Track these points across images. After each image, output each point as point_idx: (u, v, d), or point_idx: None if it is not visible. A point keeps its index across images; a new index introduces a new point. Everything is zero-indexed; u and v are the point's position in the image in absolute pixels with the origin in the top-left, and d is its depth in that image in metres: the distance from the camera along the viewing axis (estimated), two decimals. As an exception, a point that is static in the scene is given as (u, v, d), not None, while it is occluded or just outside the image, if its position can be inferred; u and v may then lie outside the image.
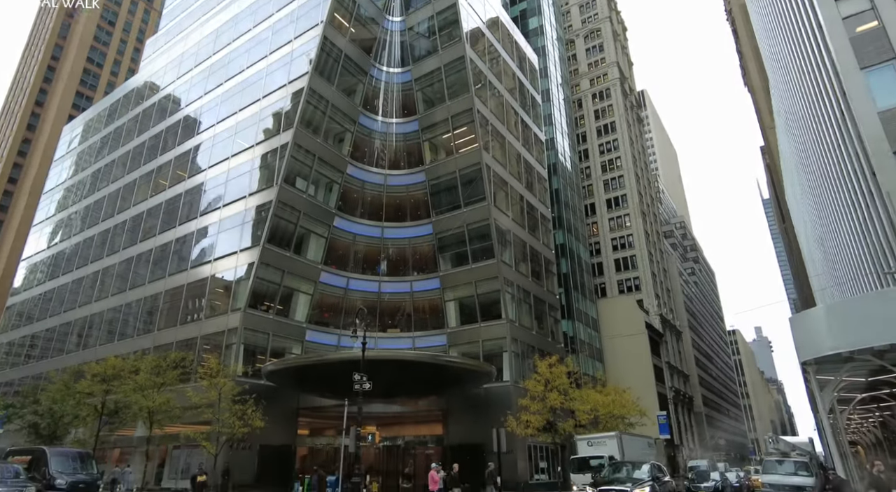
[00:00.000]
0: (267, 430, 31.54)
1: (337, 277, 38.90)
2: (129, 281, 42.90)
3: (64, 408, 30.12)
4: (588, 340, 56.20)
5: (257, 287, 34.37)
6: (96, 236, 49.22)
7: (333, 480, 20.26)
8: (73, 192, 56.28)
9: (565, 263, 56.71)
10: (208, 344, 34.48)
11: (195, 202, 41.47)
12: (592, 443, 25.76)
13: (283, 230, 35.97)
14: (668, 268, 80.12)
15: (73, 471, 20.69)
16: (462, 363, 32.43)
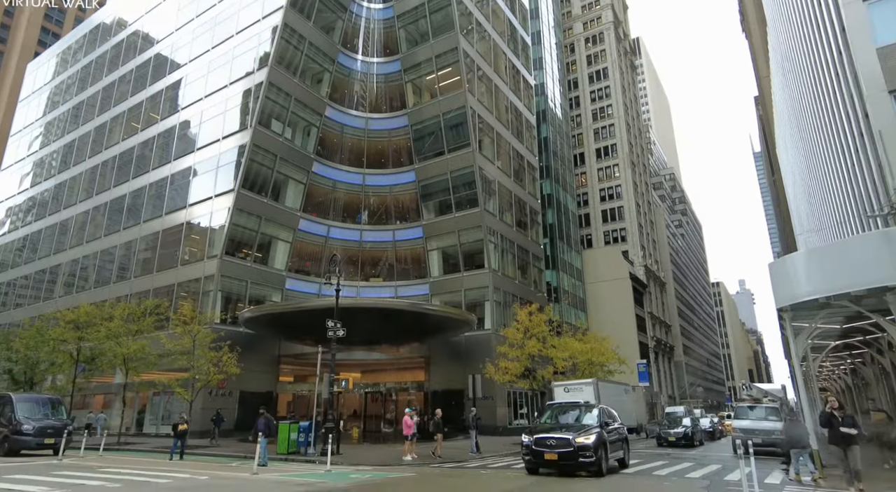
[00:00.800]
0: (248, 377, 31.48)
1: (317, 225, 38.04)
2: (103, 228, 41.75)
3: (38, 355, 29.69)
4: (572, 290, 56.40)
5: (234, 234, 33.48)
6: (68, 182, 47.56)
7: (307, 425, 20.12)
8: (42, 134, 53.98)
9: (552, 213, 56.08)
10: (185, 291, 33.88)
11: (168, 146, 39.82)
12: (569, 389, 25.92)
13: (259, 175, 34.74)
14: (655, 220, 79.92)
15: (41, 417, 20.41)
16: (442, 311, 32.25)
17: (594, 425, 12.52)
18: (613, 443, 12.88)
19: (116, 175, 42.84)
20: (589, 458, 11.36)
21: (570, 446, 11.52)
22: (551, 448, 11.73)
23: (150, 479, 11.13)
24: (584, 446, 11.48)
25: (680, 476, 12.63)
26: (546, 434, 12.20)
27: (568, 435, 11.82)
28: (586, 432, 11.93)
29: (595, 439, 11.69)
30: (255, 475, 12.04)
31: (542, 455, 11.79)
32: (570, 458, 11.44)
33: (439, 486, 10.59)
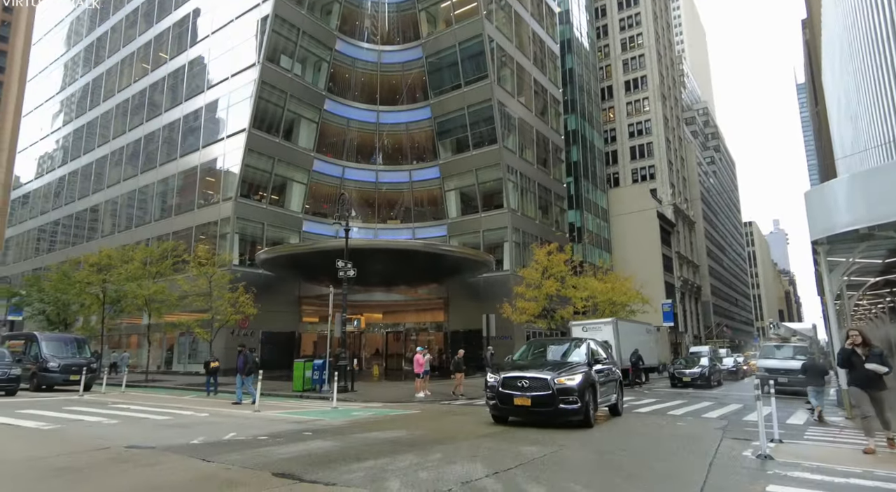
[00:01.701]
0: (270, 317, 31.97)
1: (331, 166, 37.25)
2: (121, 172, 41.82)
3: (68, 297, 30.49)
4: (596, 230, 55.01)
5: (247, 175, 33.00)
6: (86, 127, 47.43)
7: (321, 363, 20.23)
8: (60, 77, 53.54)
9: (576, 150, 53.89)
10: (203, 234, 33.97)
11: (179, 87, 38.90)
12: (587, 328, 25.39)
13: (270, 114, 33.76)
14: (685, 156, 76.48)
15: (66, 355, 21.00)
16: (457, 252, 31.66)
17: (580, 362, 9.94)
18: (604, 385, 10.40)
19: (131, 119, 42.39)
20: (572, 404, 8.92)
21: (547, 388, 8.98)
22: (523, 391, 9.15)
23: (150, 416, 11.09)
24: (565, 389, 8.95)
25: (696, 416, 12.07)
26: (517, 373, 9.49)
27: (545, 375, 9.20)
28: (569, 371, 9.33)
29: (580, 381, 9.13)
30: (257, 413, 11.94)
31: (511, 400, 9.23)
32: (548, 403, 8.94)
33: (430, 423, 10.24)
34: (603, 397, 10.31)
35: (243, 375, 14.95)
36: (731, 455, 6.94)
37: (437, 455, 6.60)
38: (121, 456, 6.53)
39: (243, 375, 14.95)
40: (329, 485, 5.03)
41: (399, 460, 6.29)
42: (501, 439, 7.84)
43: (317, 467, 5.80)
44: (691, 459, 6.67)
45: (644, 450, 7.22)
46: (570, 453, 6.81)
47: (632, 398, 17.14)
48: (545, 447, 7.15)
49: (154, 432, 8.74)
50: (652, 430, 9.51)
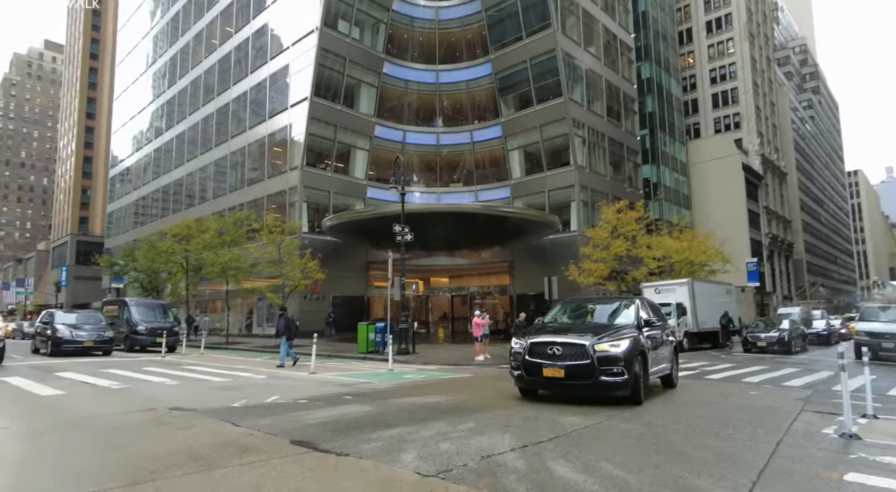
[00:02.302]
0: (339, 282, 32.91)
1: (392, 131, 37.08)
2: (198, 146, 43.94)
3: (156, 265, 32.89)
4: (674, 185, 51.61)
5: (312, 144, 33.58)
6: (165, 105, 50.08)
7: (382, 326, 20.52)
8: (145, 58, 56.56)
9: (651, 100, 50.26)
10: (274, 204, 35.18)
11: (244, 59, 39.88)
12: (660, 290, 23.93)
13: (330, 81, 33.87)
14: (777, 101, 69.39)
15: (153, 319, 22.68)
16: (520, 213, 30.74)
17: (627, 325, 8.19)
18: (657, 352, 8.61)
19: (204, 94, 44.17)
20: (617, 376, 7.26)
21: (584, 356, 7.33)
22: (554, 360, 7.47)
23: (212, 377, 11.57)
24: (608, 357, 7.29)
25: (775, 384, 10.93)
26: (548, 338, 7.79)
27: (583, 340, 7.52)
28: (613, 336, 7.64)
29: (627, 347, 7.42)
30: (312, 375, 12.16)
31: (540, 370, 7.55)
32: (585, 375, 7.30)
33: (476, 388, 9.91)
34: (655, 367, 8.59)
35: (287, 338, 14.99)
36: (808, 433, 6.05)
37: (468, 424, 6.23)
38: (161, 418, 6.69)
39: (287, 338, 14.99)
40: (341, 455, 4.79)
41: (427, 428, 5.99)
42: (543, 408, 7.35)
43: (339, 435, 5.61)
44: (757, 435, 5.86)
45: (701, 424, 6.46)
46: (614, 426, 6.20)
47: (705, 363, 15.98)
48: (588, 418, 6.58)
49: (206, 393, 9.03)
50: (717, 400, 8.61)
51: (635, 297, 9.78)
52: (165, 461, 4.53)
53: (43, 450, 5.13)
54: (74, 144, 72.41)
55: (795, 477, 4.31)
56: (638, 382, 7.60)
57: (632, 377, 7.41)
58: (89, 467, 4.45)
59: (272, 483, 3.95)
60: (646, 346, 8.01)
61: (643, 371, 7.89)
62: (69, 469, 4.43)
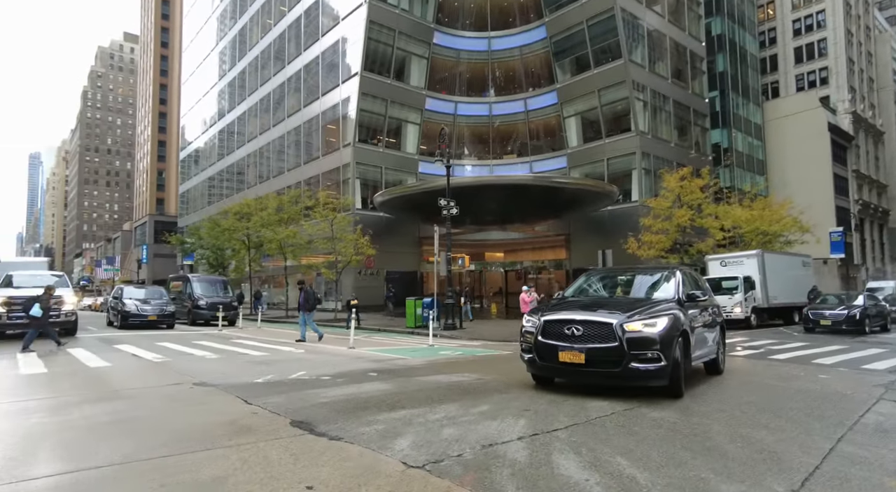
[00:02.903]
0: (392, 258, 33.14)
1: (443, 103, 36.42)
2: (258, 126, 45.16)
3: (220, 242, 34.36)
4: (747, 150, 47.87)
5: (363, 120, 33.57)
6: (227, 88, 51.70)
7: (430, 301, 20.35)
8: (208, 39, 58.50)
9: (722, 59, 46.49)
10: (329, 181, 35.68)
11: (297, 37, 40.24)
12: (727, 263, 22.26)
13: (380, 55, 33.55)
14: (874, 51, 62.31)
15: (213, 294, 23.69)
16: (575, 183, 29.46)
17: (665, 300, 6.90)
18: (701, 333, 7.30)
19: (261, 73, 45.13)
20: (651, 362, 5.97)
21: (611, 337, 6.05)
22: (572, 342, 6.21)
23: (252, 351, 11.78)
24: (641, 339, 6.01)
25: (853, 367, 9.73)
26: (566, 315, 6.50)
27: (609, 317, 6.22)
28: (647, 313, 6.29)
29: (665, 327, 6.13)
30: (351, 350, 12.13)
31: (556, 354, 6.29)
32: (611, 361, 6.05)
33: (509, 366, 9.37)
34: (698, 350, 7.24)
35: (306, 311, 14.69)
36: (881, 428, 5.17)
37: (483, 407, 5.81)
38: (181, 394, 6.73)
39: (306, 311, 14.69)
40: (333, 439, 4.51)
41: (437, 410, 5.62)
42: (568, 392, 6.77)
43: (343, 416, 5.36)
44: (814, 428, 5.07)
45: (748, 413, 5.70)
46: (644, 413, 5.57)
47: (772, 341, 14.67)
48: (616, 404, 5.96)
49: (238, 368, 9.11)
50: (776, 385, 7.69)
51: (677, 268, 8.00)
52: (148, 443, 4.42)
53: (31, 426, 5.20)
54: (150, 129, 76.73)
55: (851, 484, 3.59)
56: (678, 369, 6.25)
57: (670, 364, 6.06)
58: (52, 446, 4.42)
59: (244, 472, 3.71)
60: (688, 326, 6.65)
61: (684, 356, 6.52)
62: (26, 447, 4.42)
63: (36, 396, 6.67)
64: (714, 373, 8.35)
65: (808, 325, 18.08)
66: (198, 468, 3.77)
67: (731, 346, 13.87)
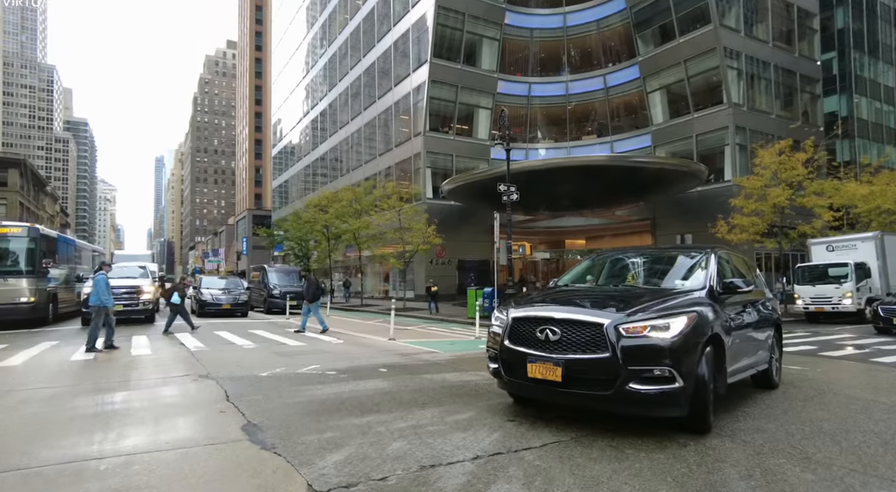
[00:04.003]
0: (464, 246, 32.75)
1: (516, 85, 35.16)
2: (337, 121, 46.44)
3: (302, 234, 35.79)
4: (874, 117, 41.68)
5: (434, 108, 33.26)
6: (309, 85, 53.66)
7: (490, 291, 19.65)
8: (294, 40, 61.09)
9: (842, 13, 40.70)
10: (402, 171, 35.84)
11: (371, 29, 40.67)
12: (834, 247, 19.34)
13: (449, 40, 32.97)
14: None
15: (287, 283, 24.59)
16: (658, 162, 27.12)
17: (690, 291, 5.03)
18: (744, 337, 5.40)
19: (340, 69, 46.26)
20: (660, 384, 4.17)
21: (600, 344, 4.27)
22: (546, 350, 4.49)
23: (291, 341, 11.80)
24: (644, 348, 4.22)
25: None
26: (541, 311, 4.77)
27: (600, 315, 4.42)
28: (657, 310, 4.46)
29: (684, 331, 4.29)
30: (390, 341, 11.81)
31: (523, 366, 4.57)
32: (600, 380, 4.28)
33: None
34: (742, 360, 5.38)
35: (308, 301, 14.33)
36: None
37: (465, 414, 5.08)
38: (170, 388, 6.66)
39: (308, 301, 14.33)
40: (266, 449, 4.05)
41: (410, 416, 4.99)
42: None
43: (302, 420, 4.90)
44: (880, 465, 3.82)
45: (801, 435, 4.47)
46: (648, 431, 4.55)
47: (883, 341, 12.34)
48: (624, 420, 4.98)
49: (259, 360, 9.03)
50: (865, 396, 6.15)
51: (711, 248, 5.80)
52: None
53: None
54: (247, 129, 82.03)
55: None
56: (704, 392, 4.35)
57: (690, 385, 4.22)
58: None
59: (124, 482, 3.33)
60: (721, 328, 4.75)
61: (715, 372, 4.64)
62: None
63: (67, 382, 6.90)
64: (765, 387, 6.46)
65: (877, 323, 14.11)
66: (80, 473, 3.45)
67: (829, 343, 11.90)
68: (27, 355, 9.52)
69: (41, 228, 17.19)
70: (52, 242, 18.04)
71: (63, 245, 19.56)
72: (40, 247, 16.51)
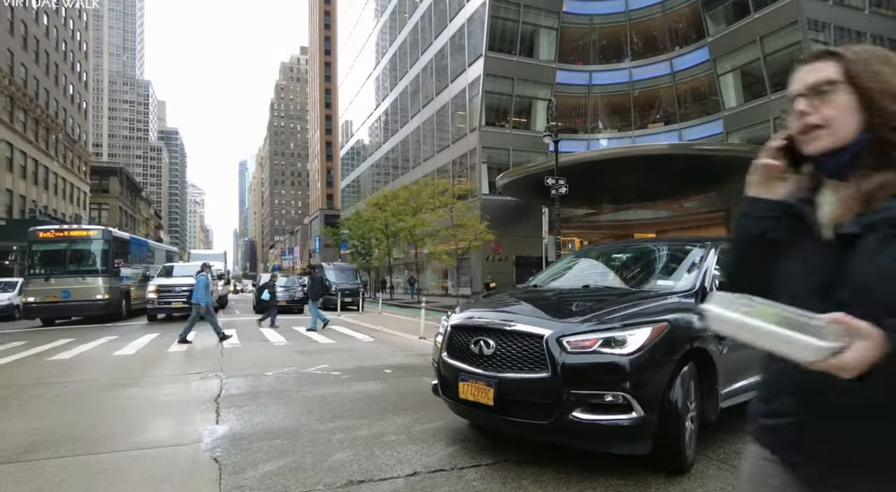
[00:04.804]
0: (521, 242, 32.11)
1: (576, 74, 33.94)
2: (398, 120, 46.99)
3: (363, 232, 36.62)
4: None
5: (489, 102, 32.83)
6: (374, 84, 54.66)
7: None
8: (357, 45, 62.51)
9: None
10: (459, 167, 35.67)
11: (428, 28, 40.76)
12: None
13: (505, 32, 32.39)
14: None
15: (343, 281, 25.20)
16: (728, 150, 25.21)
17: (676, 292, 4.02)
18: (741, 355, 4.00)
19: (400, 68, 46.75)
20: (614, 413, 3.27)
21: (538, 361, 3.43)
22: (479, 366, 3.71)
23: (324, 339, 11.95)
24: (590, 368, 3.34)
25: None
26: (477, 318, 3.98)
27: (539, 325, 3.55)
28: (613, 317, 3.54)
29: (647, 344, 3.35)
30: (420, 340, 11.68)
31: (456, 382, 3.79)
32: (537, 406, 3.44)
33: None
34: (749, 378, 4.18)
35: (313, 299, 14.20)
36: None
37: (433, 424, 4.77)
38: (177, 386, 6.85)
39: (313, 299, 14.20)
40: (213, 456, 3.98)
41: (378, 423, 4.78)
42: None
43: (273, 423, 4.82)
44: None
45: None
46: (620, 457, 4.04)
47: None
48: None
49: (278, 358, 9.16)
50: None
51: (714, 242, 4.62)
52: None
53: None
54: (318, 131, 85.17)
55: None
56: (676, 425, 3.41)
57: (653, 415, 3.31)
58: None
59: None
60: (712, 339, 3.74)
61: (699, 396, 3.70)
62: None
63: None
64: None
65: None
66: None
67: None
68: (79, 350, 10.26)
69: (114, 231, 18.63)
70: (124, 244, 19.52)
71: (136, 246, 21.12)
72: (113, 248, 17.90)
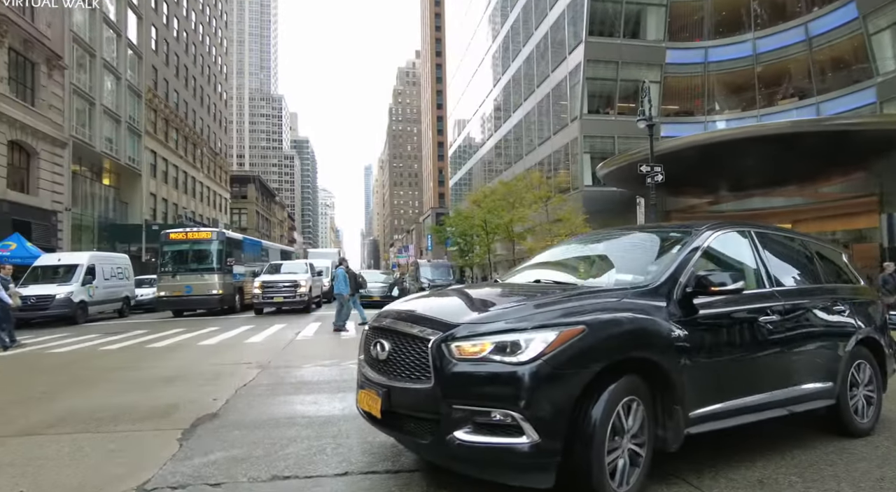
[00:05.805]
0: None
1: (688, 53, 31.09)
2: (502, 115, 46.53)
3: (463, 229, 36.78)
4: None
5: (591, 89, 31.27)
6: (478, 82, 54.66)
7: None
8: (463, 44, 63.00)
9: None
10: (561, 158, 34.41)
11: (529, 19, 39.82)
12: None
13: (607, 15, 30.68)
14: None
15: (437, 277, 25.49)
16: (876, 123, 21.35)
17: (628, 287, 3.21)
18: (743, 353, 3.37)
19: (503, 62, 46.26)
20: (502, 436, 2.57)
21: (422, 368, 2.82)
22: (376, 370, 3.17)
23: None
24: (476, 378, 2.66)
25: None
26: (389, 314, 3.41)
27: (432, 328, 2.89)
28: (519, 315, 2.86)
29: (546, 353, 2.59)
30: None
31: (362, 389, 3.30)
32: (419, 421, 2.85)
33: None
34: (737, 397, 3.29)
35: (349, 295, 13.02)
36: None
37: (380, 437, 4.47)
38: (218, 377, 7.23)
39: (349, 295, 13.02)
40: (180, 443, 4.08)
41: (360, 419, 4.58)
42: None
43: (262, 412, 4.86)
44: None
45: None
46: None
47: None
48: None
49: (324, 351, 9.36)
50: None
51: (709, 227, 3.71)
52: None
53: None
54: (431, 132, 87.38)
55: None
56: (591, 455, 2.61)
57: (557, 440, 2.58)
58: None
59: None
60: (668, 345, 2.96)
61: (627, 426, 2.80)
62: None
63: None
64: (841, 433, 4.00)
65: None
66: None
67: None
68: (169, 341, 11.39)
69: (227, 232, 20.56)
70: (237, 244, 21.46)
71: (249, 246, 23.13)
72: (226, 248, 19.75)
